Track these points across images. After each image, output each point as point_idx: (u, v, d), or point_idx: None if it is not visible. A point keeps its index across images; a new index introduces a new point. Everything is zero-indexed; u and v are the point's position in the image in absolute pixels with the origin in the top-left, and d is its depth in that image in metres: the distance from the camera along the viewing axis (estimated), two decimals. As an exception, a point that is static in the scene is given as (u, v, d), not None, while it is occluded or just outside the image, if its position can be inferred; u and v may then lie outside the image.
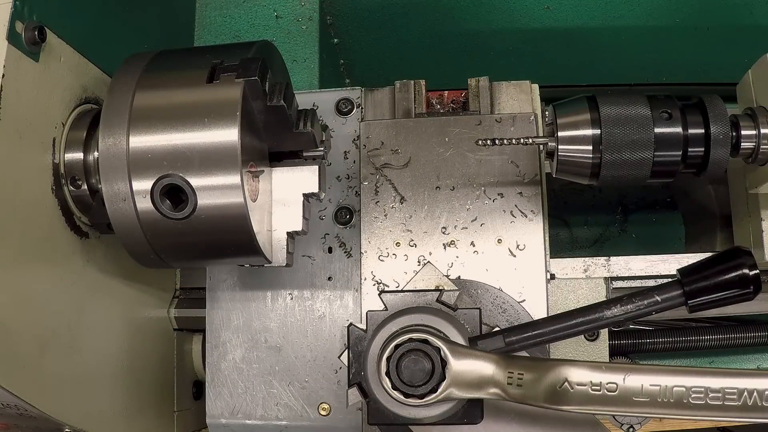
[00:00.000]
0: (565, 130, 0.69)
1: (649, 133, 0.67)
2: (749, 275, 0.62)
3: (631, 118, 0.67)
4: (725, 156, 0.68)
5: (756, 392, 0.60)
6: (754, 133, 0.69)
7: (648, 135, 0.67)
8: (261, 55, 0.66)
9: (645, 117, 0.67)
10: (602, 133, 0.67)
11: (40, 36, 0.66)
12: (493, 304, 0.79)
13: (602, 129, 0.67)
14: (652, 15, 1.18)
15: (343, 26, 1.24)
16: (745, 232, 0.81)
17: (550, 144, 0.70)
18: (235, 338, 0.87)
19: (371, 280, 0.82)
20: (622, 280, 0.86)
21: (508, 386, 0.63)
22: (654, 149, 0.67)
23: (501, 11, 1.20)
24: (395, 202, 0.84)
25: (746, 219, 0.80)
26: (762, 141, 0.69)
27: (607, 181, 0.70)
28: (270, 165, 0.76)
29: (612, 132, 0.67)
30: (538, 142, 0.72)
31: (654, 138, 0.67)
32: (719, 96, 0.70)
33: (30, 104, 0.67)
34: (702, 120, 0.68)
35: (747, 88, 0.73)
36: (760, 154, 0.70)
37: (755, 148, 0.69)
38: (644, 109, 0.68)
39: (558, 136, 0.69)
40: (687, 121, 0.68)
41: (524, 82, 0.87)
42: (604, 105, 0.68)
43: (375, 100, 0.89)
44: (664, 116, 0.68)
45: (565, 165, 0.70)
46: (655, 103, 0.68)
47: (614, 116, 0.68)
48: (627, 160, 0.68)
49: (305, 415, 0.84)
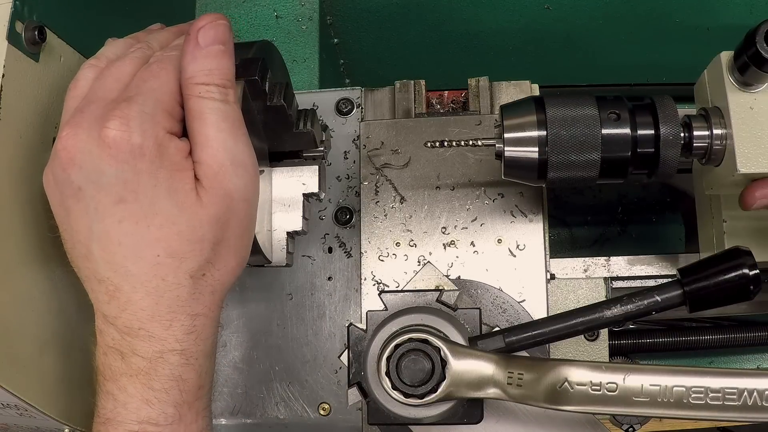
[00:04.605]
0: (511, 131, 0.69)
1: (597, 134, 0.67)
2: (749, 275, 0.63)
3: (578, 119, 0.67)
4: (675, 157, 0.68)
5: (756, 392, 0.60)
6: (707, 134, 0.69)
7: (595, 136, 0.67)
8: (261, 55, 0.66)
9: (592, 118, 0.67)
10: (548, 135, 0.67)
11: (40, 36, 0.66)
12: (493, 304, 0.79)
13: (548, 130, 0.67)
14: (652, 15, 1.18)
15: (343, 26, 1.24)
16: (708, 234, 0.81)
17: (498, 146, 0.70)
18: (235, 338, 0.87)
19: (371, 280, 0.82)
20: (622, 280, 0.86)
21: (508, 386, 0.63)
22: (601, 150, 0.67)
23: (501, 11, 1.20)
24: (395, 202, 0.84)
25: (709, 220, 0.80)
26: (714, 142, 0.68)
27: (556, 182, 0.70)
28: (270, 165, 0.76)
29: (558, 133, 0.67)
30: (486, 144, 0.72)
31: (601, 139, 0.67)
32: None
33: (30, 104, 0.67)
34: (652, 121, 0.68)
35: (703, 89, 0.73)
36: (713, 154, 0.69)
37: (708, 148, 0.69)
38: (592, 110, 0.68)
39: (504, 138, 0.69)
40: (636, 122, 0.68)
41: (524, 82, 0.87)
42: (551, 106, 0.68)
43: (375, 100, 0.89)
44: (613, 117, 0.67)
45: (512, 167, 0.70)
46: (603, 103, 0.68)
47: (561, 117, 0.67)
48: (574, 161, 0.68)
49: (305, 415, 0.84)
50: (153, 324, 0.58)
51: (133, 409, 0.58)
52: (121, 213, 0.56)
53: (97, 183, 0.56)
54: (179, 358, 0.59)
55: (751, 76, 0.67)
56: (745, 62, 0.66)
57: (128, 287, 0.57)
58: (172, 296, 0.58)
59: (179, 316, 0.58)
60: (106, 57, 0.65)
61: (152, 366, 0.58)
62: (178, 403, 0.59)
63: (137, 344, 0.58)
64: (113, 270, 0.57)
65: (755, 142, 0.67)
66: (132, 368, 0.58)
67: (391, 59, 1.33)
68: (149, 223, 0.57)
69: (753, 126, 0.67)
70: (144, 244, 0.57)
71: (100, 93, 0.60)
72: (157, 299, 0.57)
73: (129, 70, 0.62)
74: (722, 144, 0.69)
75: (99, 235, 0.57)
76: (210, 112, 0.59)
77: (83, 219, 0.57)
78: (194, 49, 0.60)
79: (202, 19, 0.60)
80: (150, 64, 0.62)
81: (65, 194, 0.58)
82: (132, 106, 0.57)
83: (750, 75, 0.67)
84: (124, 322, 0.58)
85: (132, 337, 0.58)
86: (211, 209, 0.58)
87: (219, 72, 0.60)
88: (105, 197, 0.56)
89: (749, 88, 0.68)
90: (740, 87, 0.68)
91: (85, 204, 0.57)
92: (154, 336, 0.58)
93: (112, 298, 0.58)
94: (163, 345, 0.58)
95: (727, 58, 0.69)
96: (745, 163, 0.67)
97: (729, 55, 0.68)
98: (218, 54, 0.60)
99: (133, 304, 0.57)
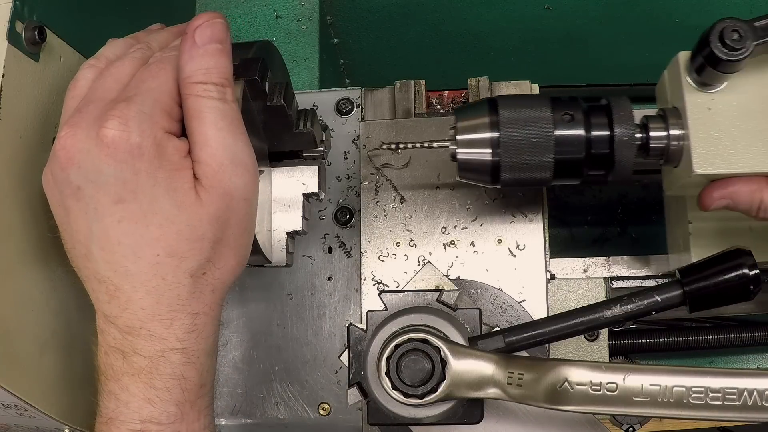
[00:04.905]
0: (464, 133, 0.69)
1: (549, 136, 0.67)
2: (749, 275, 0.62)
3: (530, 121, 0.67)
4: (630, 158, 0.67)
5: (756, 392, 0.60)
6: (664, 134, 0.68)
7: (548, 137, 0.67)
8: (261, 55, 0.66)
9: (545, 119, 0.67)
10: (500, 136, 0.67)
11: (40, 36, 0.66)
12: (493, 304, 0.79)
13: (501, 132, 0.67)
14: (652, 15, 1.18)
15: (343, 26, 1.24)
16: (675, 235, 0.81)
17: (451, 147, 0.70)
18: (235, 338, 0.87)
19: (371, 280, 0.82)
20: (622, 280, 0.86)
21: (508, 386, 0.63)
22: (555, 151, 0.67)
23: (501, 11, 1.20)
24: (395, 202, 0.84)
25: (676, 221, 0.80)
26: (672, 142, 0.68)
27: (510, 183, 0.69)
28: (270, 165, 0.76)
29: (511, 135, 0.67)
30: (441, 146, 0.73)
31: (554, 140, 0.67)
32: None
33: (30, 104, 0.67)
34: (607, 122, 0.67)
35: (663, 89, 0.72)
36: (671, 155, 0.69)
37: (665, 149, 0.68)
38: (545, 112, 0.67)
39: (457, 140, 0.69)
40: (591, 123, 0.67)
41: (524, 82, 0.87)
42: (504, 108, 0.68)
43: (375, 100, 0.89)
44: (566, 118, 0.67)
45: (465, 168, 0.70)
46: (557, 105, 0.68)
47: (513, 119, 0.67)
48: (527, 162, 0.67)
49: (305, 415, 0.84)
50: (154, 323, 0.58)
51: (136, 408, 0.58)
52: (121, 213, 0.56)
53: (96, 182, 0.56)
54: (181, 357, 0.59)
55: (709, 76, 0.66)
56: (701, 63, 0.65)
57: (128, 287, 0.57)
58: (173, 295, 0.58)
59: (180, 315, 0.58)
60: (106, 57, 0.65)
61: (154, 365, 0.58)
62: (180, 401, 0.59)
63: (138, 343, 0.58)
64: (113, 270, 0.57)
65: (712, 142, 0.66)
66: (134, 367, 0.58)
67: (391, 59, 1.33)
68: (149, 222, 0.57)
69: (710, 126, 0.67)
70: (144, 244, 0.57)
71: (100, 93, 0.60)
72: (157, 298, 0.57)
73: (128, 71, 0.62)
74: (679, 145, 0.68)
75: (98, 234, 0.57)
76: (208, 111, 0.59)
77: (83, 219, 0.58)
78: (191, 48, 0.60)
79: (199, 18, 0.61)
80: (149, 65, 0.62)
81: (64, 194, 0.58)
82: (131, 106, 0.57)
83: (707, 75, 0.66)
84: (124, 321, 0.58)
85: (133, 336, 0.58)
86: (211, 208, 0.58)
87: (217, 71, 0.60)
88: (104, 197, 0.56)
89: (707, 89, 0.67)
90: (698, 87, 0.68)
91: (85, 203, 0.57)
92: (155, 335, 0.58)
93: (112, 298, 0.58)
94: (165, 344, 0.58)
95: (684, 59, 0.68)
96: (701, 164, 0.66)
97: (687, 55, 0.68)
98: (215, 53, 0.60)
99: (134, 303, 0.57)
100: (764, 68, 0.68)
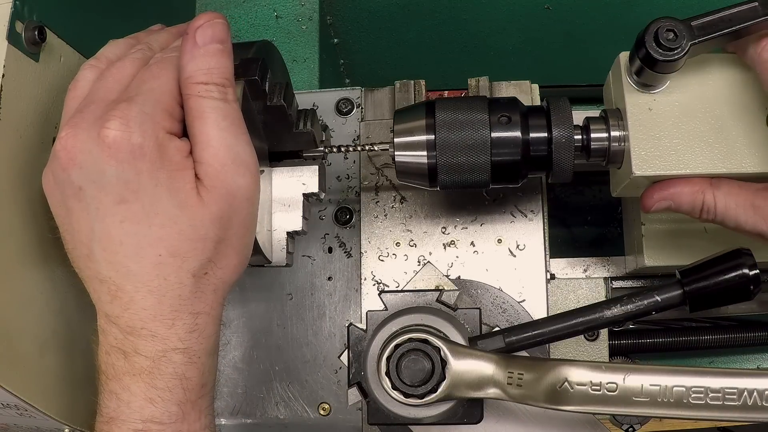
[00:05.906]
0: (401, 136, 0.69)
1: (485, 137, 0.67)
2: (749, 275, 0.62)
3: (466, 123, 0.67)
4: (569, 159, 0.68)
5: (756, 392, 0.60)
6: (605, 136, 0.68)
7: (483, 139, 0.67)
8: (261, 55, 0.66)
9: (481, 121, 0.67)
10: (436, 138, 0.67)
11: (40, 36, 0.66)
12: (493, 304, 0.79)
13: (436, 134, 0.67)
14: (651, 15, 1.18)
15: (343, 26, 1.24)
16: (631, 237, 0.81)
17: (390, 150, 0.70)
18: (235, 338, 0.87)
19: (371, 280, 0.82)
20: (622, 280, 0.86)
21: (508, 386, 0.63)
22: (491, 154, 0.67)
23: (501, 11, 1.20)
24: (395, 202, 0.84)
25: (630, 223, 0.81)
26: (613, 143, 0.68)
27: (448, 185, 0.70)
28: (270, 165, 0.76)
29: (446, 137, 0.67)
30: (379, 149, 0.73)
31: (490, 142, 0.67)
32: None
33: (30, 104, 0.67)
34: (546, 123, 0.68)
35: (608, 90, 0.72)
36: (612, 156, 0.68)
37: (606, 150, 0.68)
38: (481, 114, 0.68)
39: (394, 143, 0.69)
40: (529, 124, 0.68)
41: (524, 82, 0.87)
42: (440, 110, 0.68)
43: (375, 100, 0.89)
44: (503, 120, 0.67)
45: (402, 171, 0.71)
46: (495, 107, 0.68)
47: (449, 121, 0.68)
48: (463, 164, 0.68)
49: (305, 415, 0.84)
50: (155, 323, 0.58)
51: (137, 408, 0.58)
52: (123, 213, 0.56)
53: (98, 183, 0.56)
54: (182, 357, 0.59)
55: (648, 77, 0.66)
56: (639, 64, 0.65)
57: (130, 287, 0.57)
58: (174, 295, 0.58)
59: (181, 314, 0.58)
60: (107, 58, 0.65)
61: (155, 365, 0.58)
62: (182, 401, 0.59)
63: (140, 343, 0.58)
64: (115, 270, 0.57)
65: (653, 143, 0.66)
66: (135, 367, 0.58)
67: (391, 59, 1.33)
68: (151, 222, 0.57)
69: (651, 127, 0.66)
70: (146, 244, 0.57)
71: (100, 93, 0.60)
72: (159, 298, 0.57)
73: (129, 71, 0.62)
74: (620, 146, 0.68)
75: (100, 235, 0.57)
76: (210, 111, 0.59)
77: (84, 219, 0.58)
78: (192, 48, 0.60)
79: (200, 18, 0.61)
80: (150, 65, 0.62)
81: (66, 194, 0.58)
82: (132, 107, 0.57)
83: (647, 76, 0.66)
84: (126, 321, 0.58)
85: (135, 336, 0.58)
86: (213, 208, 0.58)
87: (218, 71, 0.60)
88: (106, 197, 0.56)
89: (648, 89, 0.67)
90: (639, 88, 0.67)
91: (86, 204, 0.57)
92: (156, 335, 0.58)
93: (114, 298, 0.58)
94: (166, 344, 0.58)
95: (625, 59, 0.67)
96: (641, 165, 0.66)
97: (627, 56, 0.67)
98: (216, 53, 0.60)
99: (136, 303, 0.57)
100: (705, 68, 0.67)
